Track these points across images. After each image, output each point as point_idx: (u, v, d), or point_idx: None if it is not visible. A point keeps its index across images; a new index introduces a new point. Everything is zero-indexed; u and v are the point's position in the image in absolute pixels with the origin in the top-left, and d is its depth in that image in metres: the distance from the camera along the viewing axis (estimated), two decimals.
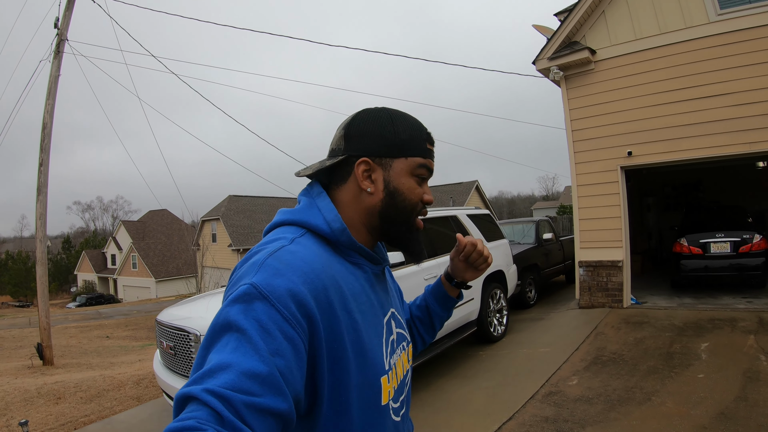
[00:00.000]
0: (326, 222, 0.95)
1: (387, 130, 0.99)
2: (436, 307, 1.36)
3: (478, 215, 7.26)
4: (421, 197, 1.03)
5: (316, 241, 0.93)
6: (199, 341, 3.58)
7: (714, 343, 5.25)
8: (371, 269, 1.02)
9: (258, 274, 0.79)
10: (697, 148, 6.89)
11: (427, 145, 1.03)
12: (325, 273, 0.86)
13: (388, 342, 1.00)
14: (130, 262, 42.51)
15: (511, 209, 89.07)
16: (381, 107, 1.04)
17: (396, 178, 0.99)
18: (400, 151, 0.99)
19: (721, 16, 6.67)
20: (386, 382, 0.95)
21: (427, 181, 1.06)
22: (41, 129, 9.47)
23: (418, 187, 1.02)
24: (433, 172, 1.06)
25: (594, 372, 4.78)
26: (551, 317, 7.67)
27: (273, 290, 0.76)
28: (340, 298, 0.87)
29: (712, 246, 7.64)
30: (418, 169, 1.01)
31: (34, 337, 13.63)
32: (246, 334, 0.72)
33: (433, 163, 1.06)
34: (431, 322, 1.38)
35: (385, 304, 1.05)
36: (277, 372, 0.70)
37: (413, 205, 1.02)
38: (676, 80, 7.02)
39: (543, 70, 8.22)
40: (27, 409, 5.72)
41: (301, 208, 1.00)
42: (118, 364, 9.41)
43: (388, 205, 0.99)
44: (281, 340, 0.73)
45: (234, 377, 0.67)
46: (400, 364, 1.05)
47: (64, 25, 9.65)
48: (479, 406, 4.30)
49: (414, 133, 1.02)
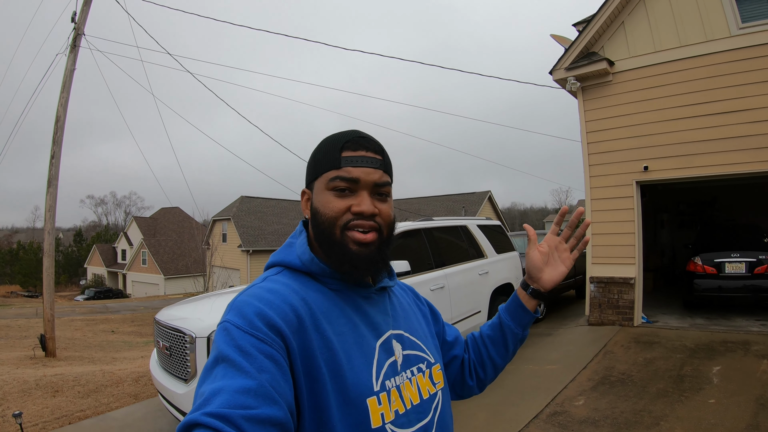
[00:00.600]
0: (297, 257, 1.01)
1: (312, 157, 1.04)
2: (509, 322, 1.23)
3: (488, 226, 7.15)
4: (346, 208, 0.96)
5: (291, 276, 0.99)
6: (195, 343, 3.50)
7: (726, 367, 5.09)
8: (357, 293, 1.01)
9: (231, 311, 0.86)
10: (715, 165, 6.73)
11: (343, 153, 0.97)
12: (293, 297, 0.90)
13: (383, 364, 0.96)
14: (140, 258, 42.82)
15: (523, 221, 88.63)
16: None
17: (316, 198, 1.01)
18: (316, 172, 1.01)
19: (742, 30, 6.53)
20: (375, 404, 0.90)
21: (365, 189, 0.97)
22: (54, 122, 9.52)
23: (335, 200, 0.96)
24: (361, 179, 0.96)
25: (601, 392, 4.64)
26: (559, 333, 7.52)
27: (243, 319, 0.83)
28: (311, 318, 0.90)
29: (727, 266, 7.45)
30: (331, 182, 0.97)
31: (39, 328, 13.68)
32: (230, 360, 0.77)
33: (355, 170, 0.96)
34: (504, 341, 1.24)
35: (381, 325, 1.02)
36: (267, 384, 0.74)
37: (330, 220, 0.96)
38: (696, 94, 6.87)
39: (560, 81, 8.10)
40: (24, 400, 5.69)
41: (281, 250, 1.06)
42: (120, 360, 9.39)
43: (314, 225, 1.01)
44: (262, 358, 0.78)
45: (228, 396, 0.71)
46: (412, 388, 1.00)
47: (81, 19, 9.70)
48: (481, 423, 4.17)
49: (328, 147, 1.00)
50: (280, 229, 31.58)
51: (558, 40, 9.12)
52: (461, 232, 6.36)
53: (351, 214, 0.96)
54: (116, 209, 76.56)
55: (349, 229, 0.96)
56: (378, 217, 0.98)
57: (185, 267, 39.34)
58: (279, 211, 33.32)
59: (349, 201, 0.96)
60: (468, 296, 5.83)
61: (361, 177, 0.96)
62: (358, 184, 0.96)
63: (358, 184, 0.96)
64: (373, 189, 0.98)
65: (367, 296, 1.03)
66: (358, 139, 0.99)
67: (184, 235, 41.78)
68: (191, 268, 36.99)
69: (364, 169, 0.97)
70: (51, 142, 9.56)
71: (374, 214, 0.97)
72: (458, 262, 5.97)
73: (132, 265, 44.12)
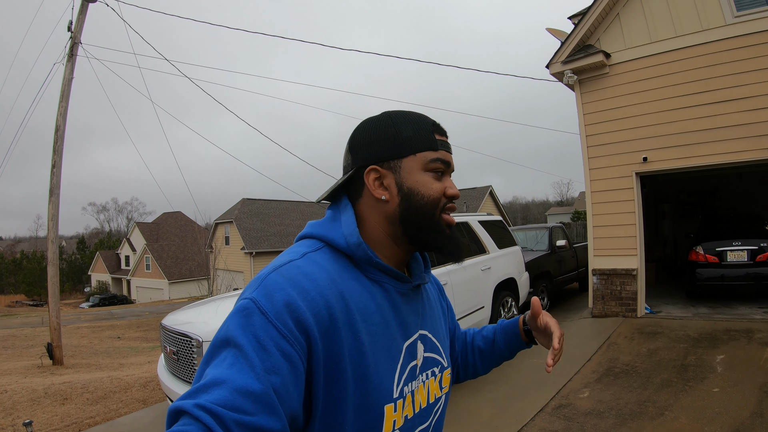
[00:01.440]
0: (344, 236, 0.93)
1: (389, 132, 0.95)
2: (502, 345, 1.28)
3: (489, 222, 7.17)
4: (443, 191, 0.95)
5: (332, 256, 0.92)
6: (202, 347, 3.53)
7: (730, 356, 5.10)
8: (395, 287, 0.96)
9: (258, 289, 0.79)
10: (715, 154, 6.74)
11: (436, 136, 0.96)
12: (330, 289, 0.84)
13: (405, 368, 0.93)
14: (143, 263, 42.91)
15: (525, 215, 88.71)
16: (382, 112, 1.00)
17: (408, 178, 0.94)
18: (407, 150, 0.94)
19: (738, 18, 6.53)
20: (392, 410, 0.88)
21: (448, 174, 0.99)
22: (54, 131, 9.54)
23: (435, 182, 0.95)
24: (451, 164, 0.99)
25: (606, 384, 4.66)
26: (564, 326, 7.53)
27: (271, 305, 0.76)
28: (346, 316, 0.84)
29: (729, 254, 7.47)
30: (431, 163, 0.94)
31: (45, 337, 13.73)
32: (242, 350, 0.72)
33: (448, 155, 0.98)
34: (491, 357, 1.30)
35: (410, 325, 0.98)
36: (271, 390, 0.70)
37: (433, 202, 0.94)
38: (693, 84, 6.88)
39: (557, 74, 8.11)
40: (33, 408, 5.72)
41: (323, 222, 0.99)
42: (128, 366, 9.43)
43: (405, 208, 0.94)
44: (278, 357, 0.73)
45: (227, 394, 0.67)
46: (423, 392, 0.99)
47: (77, 28, 9.71)
48: (487, 418, 4.19)
49: (418, 127, 0.95)
50: (282, 230, 31.62)
51: (554, 33, 9.12)
52: (463, 229, 6.37)
53: (445, 198, 0.96)
54: (118, 215, 76.73)
55: (445, 212, 0.97)
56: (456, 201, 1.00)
57: (189, 271, 39.46)
58: (281, 213, 33.36)
59: (444, 184, 0.96)
60: (471, 292, 5.84)
61: (451, 162, 0.98)
62: (449, 167, 0.98)
63: (449, 168, 0.98)
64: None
65: (404, 292, 0.98)
66: (439, 124, 1.00)
67: (187, 239, 41.87)
68: (195, 272, 37.12)
69: (451, 155, 0.99)
70: (51, 152, 9.58)
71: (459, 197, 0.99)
72: None
73: (136, 270, 44.22)
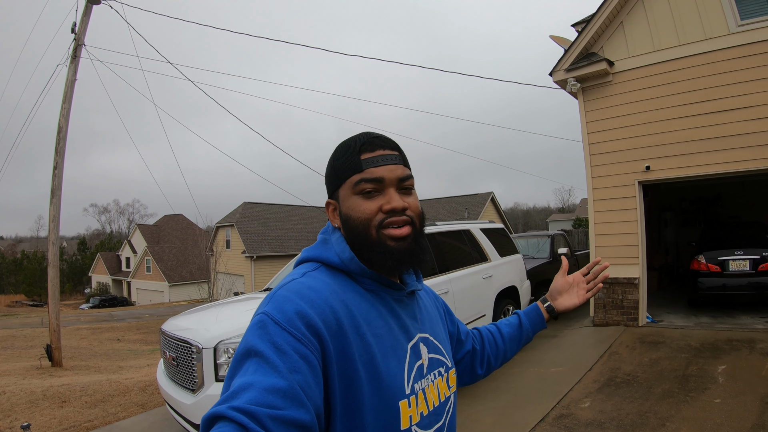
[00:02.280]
0: (336, 254, 1.00)
1: (330, 167, 1.05)
2: (528, 326, 1.43)
3: (491, 229, 7.15)
4: (376, 209, 0.97)
5: (329, 273, 0.98)
6: (202, 354, 3.52)
7: (731, 366, 5.08)
8: (390, 295, 1.03)
9: (270, 304, 0.86)
10: (717, 163, 6.73)
11: (362, 156, 0.98)
12: (334, 298, 0.90)
13: (413, 367, 0.99)
14: (144, 265, 42.91)
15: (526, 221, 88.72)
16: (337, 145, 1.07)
17: (344, 205, 1.01)
18: (338, 180, 1.02)
19: (741, 27, 6.53)
20: (406, 406, 0.93)
21: (389, 187, 0.98)
22: (56, 133, 9.55)
23: (365, 202, 0.98)
24: (386, 178, 0.98)
25: (607, 394, 4.63)
26: (565, 334, 7.51)
27: (283, 315, 0.82)
28: (351, 321, 0.90)
29: (731, 264, 7.44)
30: (356, 186, 0.98)
31: (45, 338, 13.71)
32: (263, 356, 0.77)
33: (377, 170, 0.98)
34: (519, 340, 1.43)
35: (411, 329, 1.04)
36: (297, 386, 0.74)
37: (363, 222, 0.98)
38: (696, 93, 6.87)
39: (560, 82, 8.11)
40: (31, 411, 5.70)
41: (316, 245, 1.06)
42: (127, 369, 9.40)
43: (347, 233, 1.01)
44: (296, 358, 0.78)
45: (257, 394, 0.71)
46: (434, 391, 1.03)
47: (81, 30, 9.74)
48: (488, 427, 4.17)
49: (346, 153, 1.01)
50: (283, 234, 31.61)
51: (557, 41, 9.13)
52: (464, 236, 6.36)
53: (383, 213, 0.97)
54: (120, 217, 76.87)
55: (384, 228, 0.97)
56: (408, 211, 0.99)
57: (189, 274, 39.45)
58: (282, 217, 33.36)
59: (379, 201, 0.97)
60: (472, 300, 5.83)
61: (385, 175, 0.98)
62: (383, 183, 0.98)
63: (383, 183, 0.98)
64: (398, 184, 1.00)
65: (399, 299, 1.04)
66: (372, 140, 1.01)
67: (188, 242, 41.88)
68: (195, 275, 37.10)
69: (386, 167, 0.98)
70: (54, 153, 9.60)
71: (405, 208, 0.98)
72: (462, 266, 5.98)
73: (136, 272, 44.21)
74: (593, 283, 1.43)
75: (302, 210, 34.41)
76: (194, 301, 32.10)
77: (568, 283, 1.43)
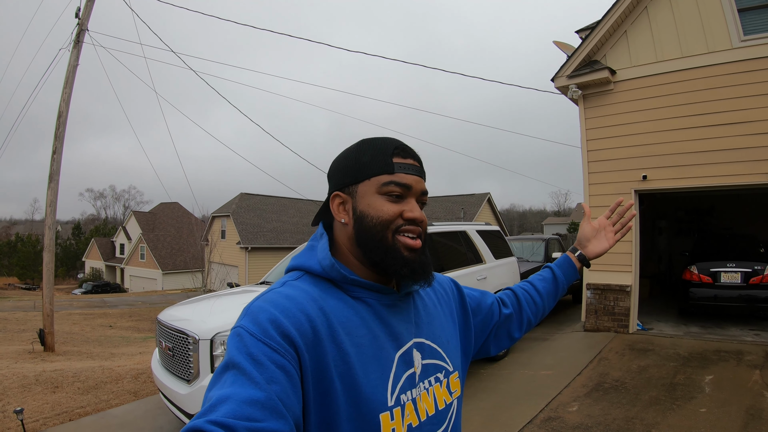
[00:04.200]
0: (318, 262, 0.98)
1: (350, 160, 1.01)
2: (563, 278, 1.45)
3: (487, 231, 7.21)
4: (398, 213, 0.97)
5: (312, 282, 0.96)
6: (198, 345, 3.56)
7: (718, 376, 5.15)
8: (378, 301, 0.99)
9: (246, 317, 0.85)
10: (713, 176, 6.79)
11: (394, 159, 0.98)
12: (311, 306, 0.88)
13: (400, 377, 0.95)
14: (138, 252, 42.84)
15: (522, 223, 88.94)
16: (358, 140, 1.05)
17: (362, 202, 0.98)
18: (362, 175, 0.98)
19: (744, 43, 6.58)
20: (388, 419, 0.90)
21: (411, 197, 1.00)
22: (57, 117, 9.55)
23: (388, 204, 0.97)
24: (414, 186, 0.99)
25: (595, 399, 4.70)
26: (556, 338, 7.58)
27: (257, 326, 0.81)
28: (328, 329, 0.88)
29: (723, 275, 7.51)
30: (384, 186, 0.97)
31: (37, 321, 13.73)
32: (240, 368, 0.76)
33: (408, 177, 0.99)
34: (556, 294, 1.45)
35: (402, 335, 1.00)
36: (275, 397, 0.73)
37: (383, 223, 0.96)
38: (695, 105, 6.93)
39: (561, 88, 8.16)
40: (24, 395, 5.73)
41: (302, 253, 1.04)
42: (119, 356, 9.43)
43: (359, 230, 0.98)
44: (274, 368, 0.77)
45: (235, 406, 0.70)
46: (428, 399, 1.01)
47: (85, 15, 9.73)
48: (476, 427, 4.23)
49: (377, 151, 0.99)
50: (279, 226, 31.62)
51: (561, 47, 9.18)
52: (461, 238, 6.41)
53: (402, 220, 0.97)
54: (115, 203, 76.73)
55: (400, 234, 0.97)
56: (423, 223, 1.00)
57: (183, 263, 39.35)
58: (278, 209, 33.35)
59: (401, 206, 0.97)
60: None
61: (413, 184, 0.99)
62: (409, 190, 0.98)
63: (410, 191, 0.99)
64: (419, 197, 1.01)
65: (390, 304, 1.01)
66: (405, 147, 1.01)
67: (183, 231, 41.75)
68: (190, 264, 37.00)
69: (414, 177, 0.99)
70: (53, 138, 9.59)
71: (423, 220, 1.00)
72: (457, 267, 6.03)
73: (130, 259, 44.12)
74: (620, 224, 1.45)
75: (299, 203, 34.41)
76: (187, 290, 32.11)
77: (594, 229, 1.45)
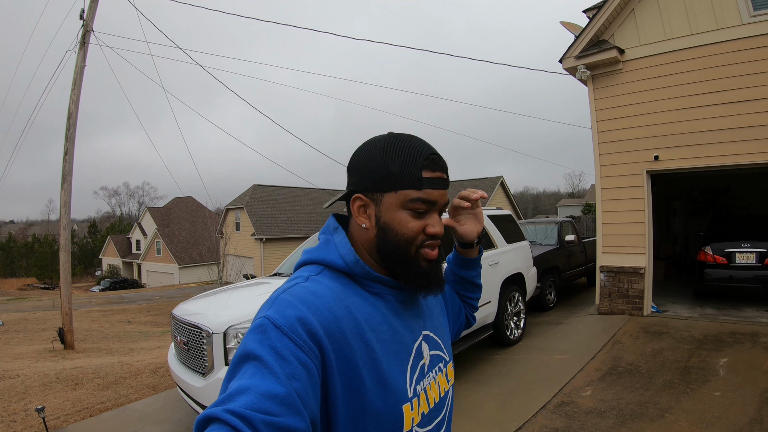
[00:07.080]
0: (341, 256, 0.98)
1: (377, 163, 0.97)
2: (461, 271, 1.38)
3: (499, 216, 7.17)
4: (421, 230, 0.97)
5: (332, 277, 0.97)
6: (212, 338, 3.60)
7: (733, 359, 5.11)
8: (395, 297, 1.02)
9: (271, 308, 0.85)
10: (727, 155, 6.67)
11: (423, 173, 0.95)
12: (337, 305, 0.89)
13: (416, 368, 1.00)
14: (154, 247, 43.29)
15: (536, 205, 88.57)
16: (387, 134, 1.01)
17: (386, 213, 0.97)
18: (388, 185, 0.96)
19: (754, 18, 6.42)
20: (409, 409, 0.95)
21: (435, 210, 0.99)
22: (66, 118, 9.64)
23: (412, 220, 0.96)
24: (438, 201, 0.98)
25: (608, 383, 4.69)
26: (569, 322, 7.56)
27: (285, 320, 0.81)
28: (355, 328, 0.90)
29: (738, 256, 7.43)
30: (410, 203, 0.95)
31: (57, 320, 13.97)
32: (262, 360, 0.76)
33: (435, 192, 0.97)
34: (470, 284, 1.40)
35: (415, 328, 1.04)
36: (294, 393, 0.74)
37: (407, 240, 0.96)
38: (707, 83, 6.80)
39: (569, 69, 8.05)
40: (45, 393, 5.85)
41: (319, 247, 1.03)
42: (138, 351, 9.57)
43: (381, 239, 0.98)
44: (296, 364, 0.77)
45: (253, 398, 0.70)
46: (435, 387, 1.05)
47: (89, 16, 9.78)
48: (489, 413, 4.25)
49: (407, 161, 0.95)
50: (292, 216, 31.76)
51: (568, 27, 9.04)
52: None
53: (425, 235, 0.97)
54: (130, 200, 77.55)
55: (423, 248, 0.98)
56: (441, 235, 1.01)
57: (199, 256, 39.75)
58: (291, 199, 33.47)
59: (425, 221, 0.97)
60: None
61: (438, 200, 0.98)
62: (434, 206, 0.98)
63: (435, 206, 0.98)
64: (442, 209, 1.01)
65: (404, 300, 1.03)
66: (435, 159, 0.98)
67: (198, 224, 42.13)
68: (205, 257, 37.38)
69: (440, 192, 0.98)
70: (64, 139, 9.70)
71: (442, 234, 1.00)
72: None
73: (146, 255, 44.62)
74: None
75: (312, 192, 34.48)
76: (204, 283, 32.42)
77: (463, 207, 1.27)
